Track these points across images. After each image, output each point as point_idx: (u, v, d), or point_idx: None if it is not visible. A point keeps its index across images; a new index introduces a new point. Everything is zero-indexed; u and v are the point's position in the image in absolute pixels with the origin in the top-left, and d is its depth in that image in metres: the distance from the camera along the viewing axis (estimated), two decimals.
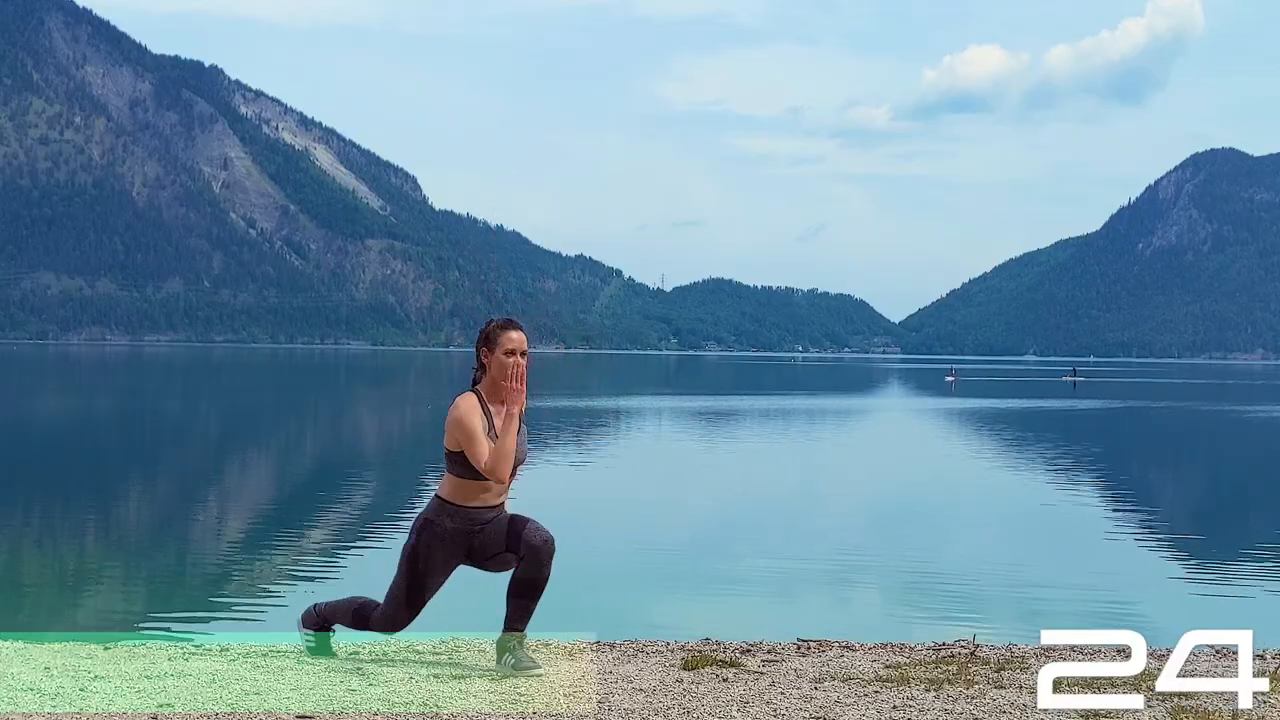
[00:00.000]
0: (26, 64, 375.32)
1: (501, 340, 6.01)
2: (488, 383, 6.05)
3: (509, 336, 6.02)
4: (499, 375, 6.00)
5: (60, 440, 29.86)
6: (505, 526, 6.04)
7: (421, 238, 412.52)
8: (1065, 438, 34.96)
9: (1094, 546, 15.37)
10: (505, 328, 6.06)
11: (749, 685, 5.75)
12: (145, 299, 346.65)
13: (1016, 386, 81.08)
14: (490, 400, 6.03)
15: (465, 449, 5.90)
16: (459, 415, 5.94)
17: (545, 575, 5.99)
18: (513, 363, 5.96)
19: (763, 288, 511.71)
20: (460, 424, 5.91)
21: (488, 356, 6.04)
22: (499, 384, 6.01)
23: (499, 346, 6.01)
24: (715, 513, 18.26)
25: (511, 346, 6.00)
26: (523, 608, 6.00)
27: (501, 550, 6.03)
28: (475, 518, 6.02)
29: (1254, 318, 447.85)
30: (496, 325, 6.09)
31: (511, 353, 5.99)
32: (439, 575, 6.11)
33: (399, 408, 50.07)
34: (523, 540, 5.97)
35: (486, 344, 6.05)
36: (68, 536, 14.80)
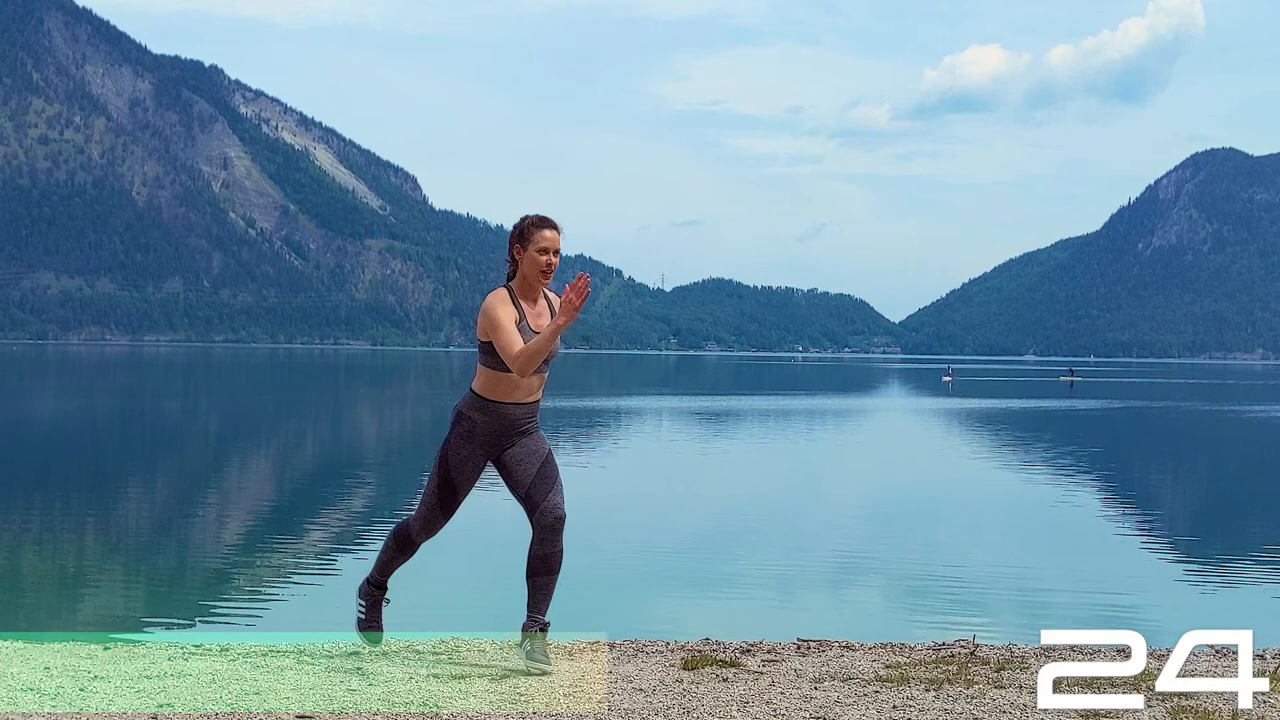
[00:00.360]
0: (26, 64, 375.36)
1: (535, 238, 5.90)
2: (519, 280, 5.95)
3: (543, 235, 5.90)
4: (530, 272, 5.92)
5: (60, 440, 29.85)
6: (531, 478, 5.94)
7: (421, 238, 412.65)
8: (1063, 438, 34.96)
9: (1094, 546, 15.37)
10: (540, 225, 5.93)
11: (749, 685, 5.75)
12: (145, 299, 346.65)
13: (1013, 386, 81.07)
14: (522, 297, 5.94)
15: (492, 338, 5.80)
16: (487, 305, 5.86)
17: (558, 551, 5.95)
18: (546, 261, 5.87)
19: (763, 288, 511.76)
20: (487, 313, 5.83)
21: (520, 253, 5.93)
22: (530, 281, 5.93)
23: (532, 244, 5.90)
24: (715, 513, 18.25)
25: (545, 244, 5.89)
26: (543, 586, 5.95)
27: (520, 493, 5.97)
28: (506, 414, 5.94)
29: (1254, 318, 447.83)
30: (531, 222, 5.96)
31: (545, 250, 5.89)
32: (470, 472, 6.04)
33: (399, 408, 50.08)
34: (537, 512, 5.94)
35: (520, 240, 5.93)
36: (68, 536, 14.80)
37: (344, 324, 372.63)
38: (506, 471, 6.01)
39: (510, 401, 5.94)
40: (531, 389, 5.98)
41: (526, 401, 5.98)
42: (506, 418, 5.95)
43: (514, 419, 5.97)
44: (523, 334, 5.82)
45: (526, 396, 5.97)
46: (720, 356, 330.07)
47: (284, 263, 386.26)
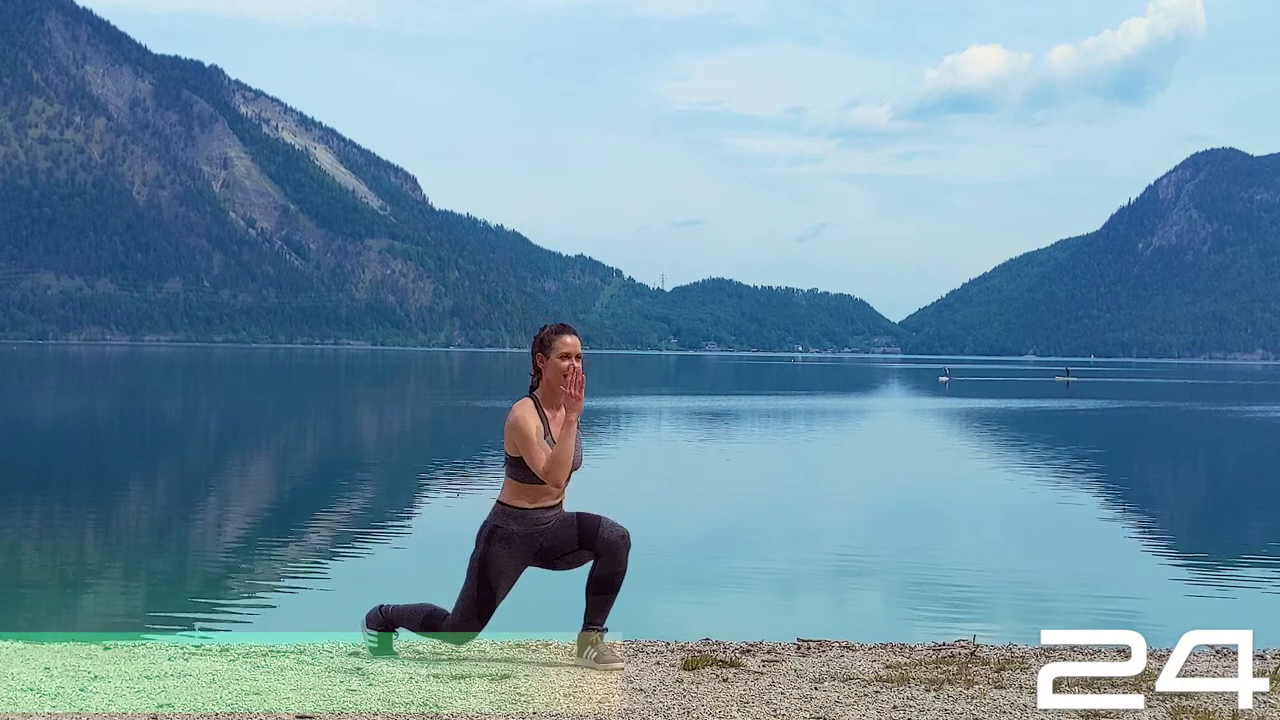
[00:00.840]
0: (26, 64, 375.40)
1: (556, 345, 6.10)
2: (544, 388, 6.12)
3: (564, 341, 6.11)
4: (554, 380, 6.08)
5: (60, 440, 29.86)
6: (574, 526, 6.13)
7: (421, 238, 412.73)
8: (1061, 438, 34.96)
9: (1093, 547, 15.38)
10: (560, 333, 6.15)
11: (749, 685, 5.75)
12: (145, 299, 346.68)
13: (1009, 386, 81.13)
14: (546, 405, 6.11)
15: (523, 454, 5.99)
16: (515, 420, 6.02)
17: (623, 570, 6.13)
18: (568, 366, 6.04)
19: (763, 288, 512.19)
20: (516, 429, 6.00)
21: (543, 361, 6.11)
22: (554, 389, 6.08)
23: (554, 351, 6.09)
24: (715, 513, 18.26)
25: (566, 350, 6.09)
26: (603, 603, 6.13)
27: (574, 549, 6.13)
28: (537, 519, 6.11)
29: (1254, 318, 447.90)
30: (551, 330, 6.18)
31: (566, 356, 6.08)
32: (509, 579, 6.20)
33: (399, 408, 50.08)
34: (599, 538, 6.08)
35: (541, 349, 6.13)
36: (68, 536, 14.80)
37: (344, 324, 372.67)
38: (557, 556, 6.16)
39: (538, 507, 6.12)
40: (559, 493, 6.16)
41: (554, 504, 6.16)
42: (539, 521, 6.13)
43: (545, 522, 6.14)
44: (549, 443, 6.02)
45: (554, 500, 6.16)
46: (720, 356, 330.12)
47: (284, 263, 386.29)
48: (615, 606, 6.22)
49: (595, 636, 6.10)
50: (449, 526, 16.04)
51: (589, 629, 6.12)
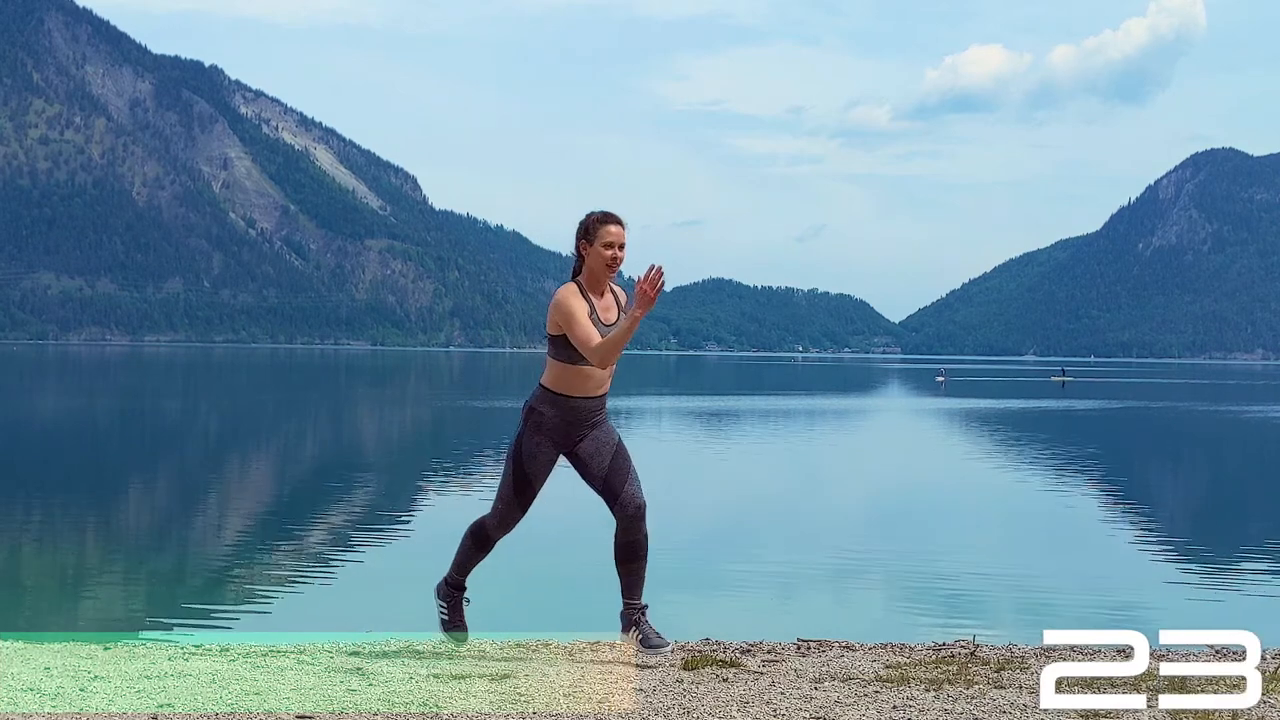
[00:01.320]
0: (26, 64, 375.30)
1: (600, 234, 6.04)
2: (587, 274, 6.08)
3: (608, 230, 6.05)
4: (597, 266, 6.04)
5: (61, 440, 29.85)
6: (606, 469, 6.08)
7: (421, 238, 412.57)
8: (1060, 438, 34.96)
9: (1093, 547, 15.37)
10: (605, 221, 6.07)
11: (749, 685, 5.75)
12: (145, 299, 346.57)
13: (1006, 386, 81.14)
14: (590, 291, 6.06)
15: (567, 330, 5.93)
16: (560, 298, 5.98)
17: (644, 537, 6.10)
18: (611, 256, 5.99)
19: (763, 288, 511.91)
20: (560, 306, 5.95)
21: (586, 248, 6.06)
22: (598, 275, 6.05)
23: (598, 239, 6.04)
24: (715, 513, 18.25)
25: (610, 239, 6.03)
26: (632, 573, 6.12)
27: (599, 480, 6.09)
28: (577, 407, 6.07)
29: (1254, 318, 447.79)
30: (596, 218, 6.09)
31: (610, 245, 6.03)
32: (543, 465, 6.14)
33: (399, 408, 50.08)
34: (619, 505, 6.07)
35: (585, 236, 6.07)
36: (68, 536, 14.79)
37: (344, 324, 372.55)
38: (581, 464, 6.14)
39: (580, 395, 6.07)
40: (601, 381, 6.10)
41: (596, 395, 6.10)
42: (577, 411, 6.08)
43: (584, 411, 6.09)
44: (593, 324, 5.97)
45: (596, 389, 6.10)
46: (720, 356, 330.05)
47: (284, 263, 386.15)
48: (616, 606, 6.21)
49: (638, 615, 6.12)
50: (449, 526, 16.04)
51: (628, 611, 6.13)
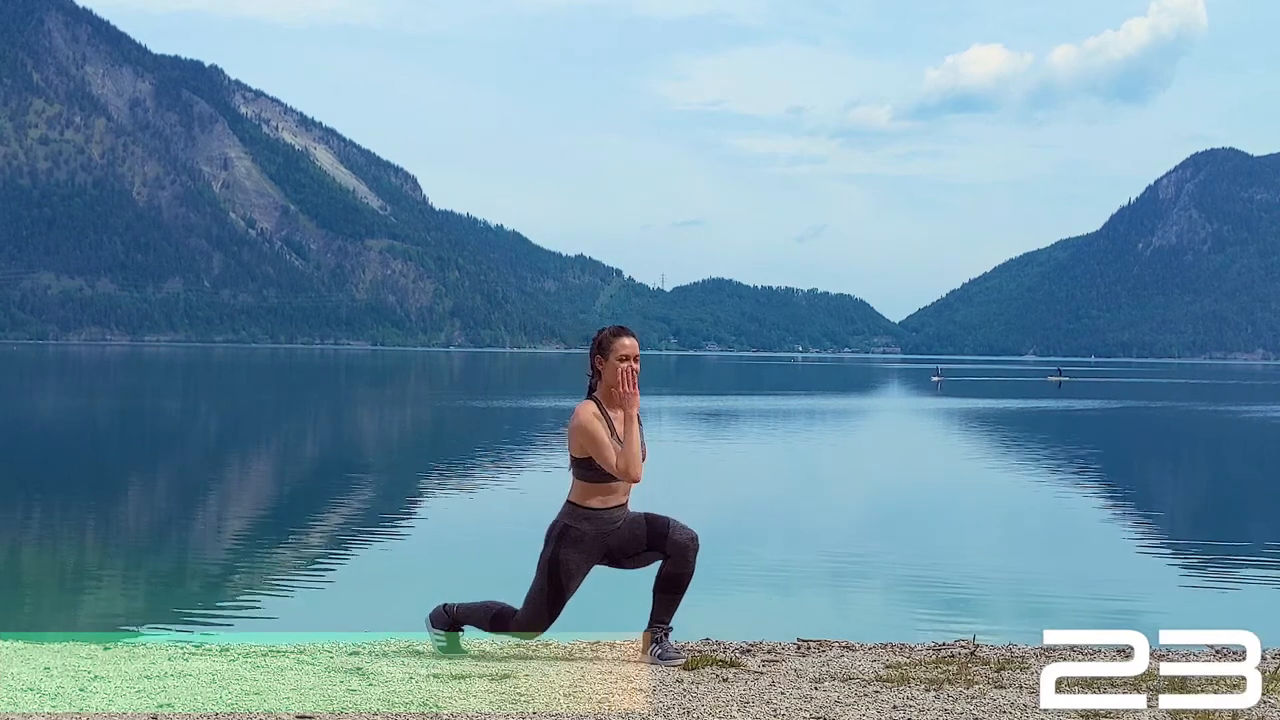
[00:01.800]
0: (26, 64, 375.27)
1: (615, 347, 6.27)
2: (604, 389, 6.29)
3: (622, 343, 6.29)
4: (613, 381, 6.25)
5: (61, 440, 29.85)
6: (644, 527, 6.31)
7: (421, 238, 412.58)
8: (1059, 438, 34.96)
9: (1093, 547, 15.37)
10: (618, 335, 6.33)
11: (749, 685, 5.75)
12: (145, 299, 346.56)
13: (1002, 386, 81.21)
14: (607, 405, 6.27)
15: (593, 455, 6.15)
16: (581, 423, 6.18)
17: (691, 571, 6.38)
18: (626, 369, 6.22)
19: (763, 288, 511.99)
20: (584, 431, 6.16)
21: (602, 363, 6.29)
22: (613, 390, 6.25)
23: (613, 353, 6.27)
24: (715, 513, 18.24)
25: (625, 353, 6.28)
26: (669, 602, 6.35)
27: (643, 550, 6.32)
28: (608, 518, 6.27)
29: (1254, 318, 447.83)
30: (610, 333, 6.35)
31: (625, 358, 6.26)
32: (578, 578, 6.32)
33: (399, 408, 50.08)
34: (669, 540, 6.30)
35: (600, 351, 6.31)
36: (68, 536, 14.79)
37: (344, 324, 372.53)
38: (625, 556, 6.34)
39: (609, 507, 6.29)
40: (625, 490, 6.33)
41: (622, 503, 6.34)
42: (609, 520, 6.28)
43: (614, 520, 6.30)
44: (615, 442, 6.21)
45: (622, 498, 6.33)
46: (720, 356, 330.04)
47: (284, 263, 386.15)
48: (616, 605, 6.27)
49: (661, 634, 6.30)
50: (449, 526, 16.04)
51: (655, 626, 6.30)
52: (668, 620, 6.32)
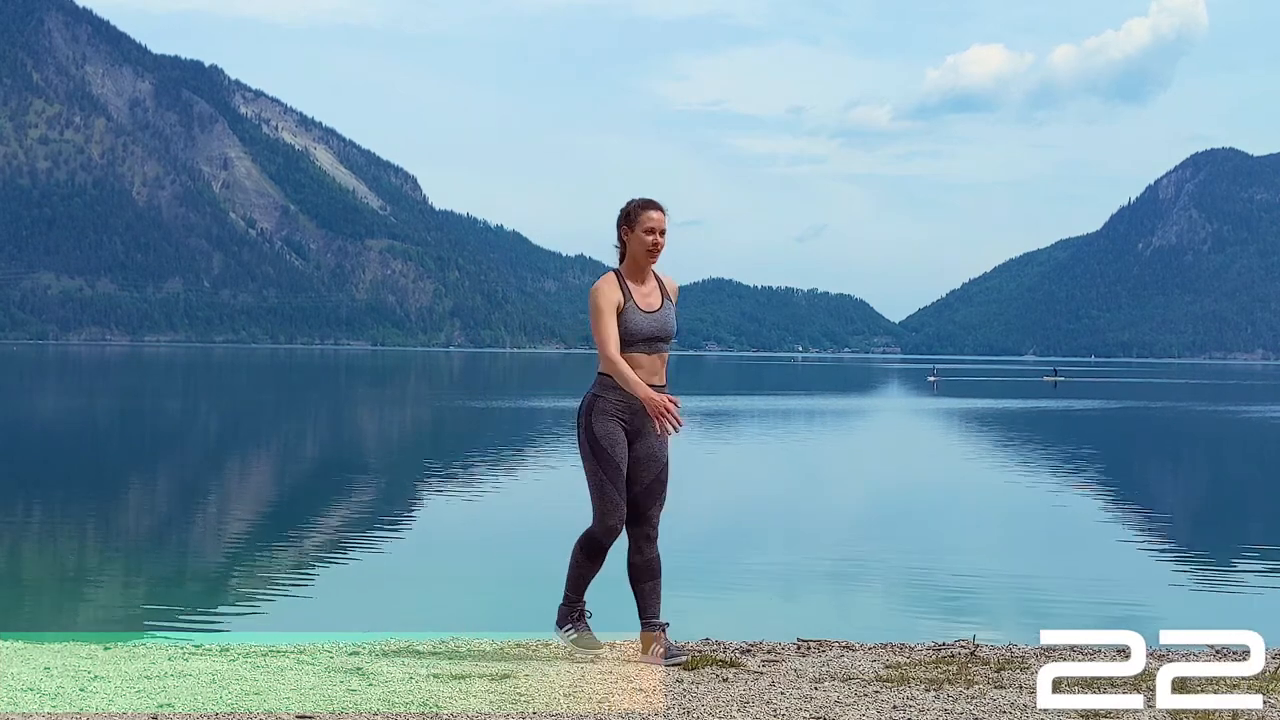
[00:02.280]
0: (26, 64, 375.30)
1: (641, 219, 6.09)
2: (628, 261, 6.13)
3: (649, 216, 6.10)
4: (639, 252, 6.10)
5: (61, 440, 29.85)
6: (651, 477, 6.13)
7: (421, 238, 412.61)
8: (1057, 438, 34.96)
9: (1093, 547, 15.37)
10: (645, 207, 6.13)
11: (749, 685, 5.75)
12: (145, 299, 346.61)
13: (997, 386, 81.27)
14: (630, 278, 6.12)
15: (592, 326, 6.02)
16: (593, 291, 6.06)
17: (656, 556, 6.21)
18: (653, 241, 6.06)
19: (763, 288, 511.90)
20: (591, 299, 6.04)
21: (628, 235, 6.12)
22: (639, 261, 6.11)
23: (639, 225, 6.09)
24: (715, 513, 18.24)
25: (651, 225, 6.09)
26: (649, 592, 6.18)
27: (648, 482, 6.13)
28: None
29: (1254, 318, 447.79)
30: (637, 205, 6.15)
31: (651, 231, 6.08)
32: (621, 444, 6.08)
33: (399, 408, 50.07)
34: (640, 523, 6.16)
35: (627, 222, 6.13)
36: (68, 536, 14.80)
37: (344, 324, 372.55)
38: (637, 461, 6.14)
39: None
40: (654, 370, 6.10)
41: (651, 384, 6.07)
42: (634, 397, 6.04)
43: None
44: (630, 314, 6.03)
45: (649, 379, 6.07)
46: (720, 356, 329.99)
47: (284, 263, 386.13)
48: (617, 605, 6.22)
49: (658, 634, 6.16)
50: (449, 526, 16.04)
51: (650, 623, 6.17)
52: (658, 614, 6.19)
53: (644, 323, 6.07)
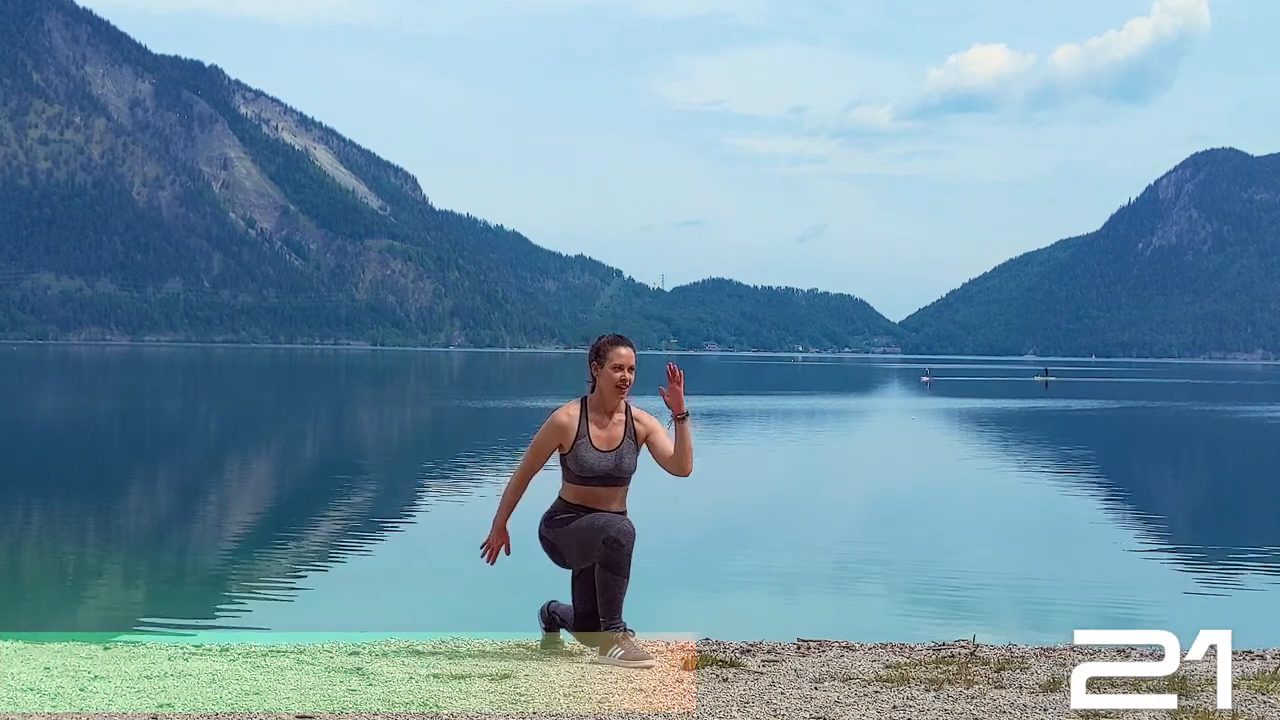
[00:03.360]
0: (26, 64, 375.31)
1: (610, 356, 6.39)
2: (596, 395, 6.40)
3: (618, 353, 6.40)
4: (607, 388, 6.37)
5: (60, 440, 29.85)
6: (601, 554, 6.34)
7: (421, 238, 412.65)
8: (1054, 438, 34.97)
9: (1093, 546, 15.36)
10: (615, 344, 6.44)
11: (749, 685, 5.75)
12: (145, 299, 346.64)
13: (989, 386, 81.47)
14: (595, 410, 6.37)
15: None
16: (552, 415, 6.35)
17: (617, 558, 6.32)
18: (620, 378, 6.34)
19: (763, 288, 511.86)
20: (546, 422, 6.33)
21: (598, 370, 6.40)
22: (607, 395, 6.37)
23: (608, 362, 6.37)
24: (715, 513, 18.25)
25: (620, 362, 6.39)
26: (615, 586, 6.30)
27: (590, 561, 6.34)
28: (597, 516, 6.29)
29: (1254, 318, 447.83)
30: (607, 341, 6.46)
31: (619, 368, 6.36)
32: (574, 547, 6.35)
33: (399, 408, 50.07)
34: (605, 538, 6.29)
35: (596, 358, 6.42)
36: (68, 536, 14.80)
37: (344, 324, 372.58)
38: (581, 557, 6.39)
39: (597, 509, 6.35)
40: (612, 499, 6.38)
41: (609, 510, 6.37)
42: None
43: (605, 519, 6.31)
44: (581, 450, 6.27)
45: (607, 506, 6.38)
46: (720, 356, 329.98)
47: (284, 263, 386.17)
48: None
49: (618, 635, 6.21)
50: (449, 526, 16.04)
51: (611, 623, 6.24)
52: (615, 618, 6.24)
53: (595, 461, 6.30)
